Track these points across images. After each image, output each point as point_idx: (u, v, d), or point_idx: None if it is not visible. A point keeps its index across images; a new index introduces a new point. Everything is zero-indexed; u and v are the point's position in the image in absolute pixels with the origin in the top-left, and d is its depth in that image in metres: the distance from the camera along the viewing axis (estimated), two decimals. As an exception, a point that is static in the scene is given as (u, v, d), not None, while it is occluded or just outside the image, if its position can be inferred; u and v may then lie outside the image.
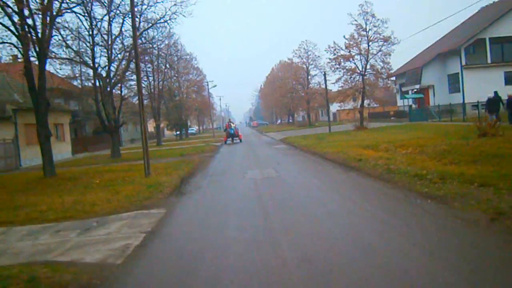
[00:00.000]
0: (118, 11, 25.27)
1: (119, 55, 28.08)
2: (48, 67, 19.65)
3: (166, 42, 41.21)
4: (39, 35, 16.12)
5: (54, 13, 16.82)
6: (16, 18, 15.66)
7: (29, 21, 15.97)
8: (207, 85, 65.64)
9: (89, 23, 24.60)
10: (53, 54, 20.75)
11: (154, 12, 47.69)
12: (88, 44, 25.73)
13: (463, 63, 40.68)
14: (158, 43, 36.06)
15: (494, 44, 41.75)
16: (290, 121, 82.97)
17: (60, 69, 24.53)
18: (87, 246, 6.77)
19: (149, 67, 40.60)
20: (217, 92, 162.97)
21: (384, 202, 8.39)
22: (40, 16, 16.16)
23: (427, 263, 4.85)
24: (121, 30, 26.55)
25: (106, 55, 26.61)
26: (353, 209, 8.06)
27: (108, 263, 5.82)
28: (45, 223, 8.76)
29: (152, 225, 7.86)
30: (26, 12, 15.73)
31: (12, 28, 15.82)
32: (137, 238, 6.98)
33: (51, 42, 18.13)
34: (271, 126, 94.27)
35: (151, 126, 62.41)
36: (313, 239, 6.17)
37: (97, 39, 25.85)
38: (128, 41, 27.63)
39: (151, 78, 43.83)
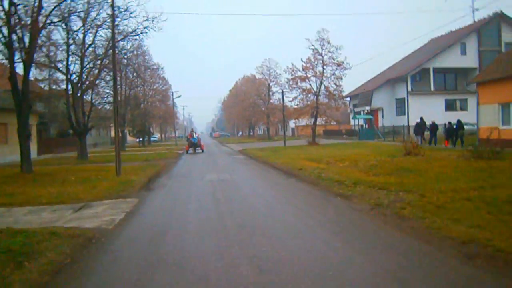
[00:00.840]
0: (93, 24, 27.29)
1: (90, 64, 29.99)
2: (19, 70, 21.54)
3: (135, 52, 43.15)
4: (26, 45, 18.09)
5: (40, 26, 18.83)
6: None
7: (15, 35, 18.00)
8: (172, 94, 67.62)
9: (66, 34, 26.51)
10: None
11: (126, 26, 49.15)
12: (62, 52, 27.59)
13: (409, 89, 44.89)
14: (128, 54, 38.04)
15: (438, 74, 46.45)
16: (251, 133, 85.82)
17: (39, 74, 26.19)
18: (82, 219, 9.07)
19: (117, 75, 42.17)
20: (181, 102, 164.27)
21: (305, 197, 11.30)
22: (28, 29, 18.17)
23: (317, 229, 7.57)
24: (94, 40, 28.53)
25: (79, 62, 28.50)
26: (282, 200, 10.96)
27: (103, 227, 8.19)
28: (41, 205, 10.89)
29: (130, 208, 10.26)
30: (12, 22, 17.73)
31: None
32: (120, 215, 9.37)
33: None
34: (232, 137, 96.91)
35: (114, 132, 63.41)
36: (248, 216, 8.86)
37: (72, 48, 27.76)
38: (101, 51, 29.72)
39: (118, 86, 45.45)
